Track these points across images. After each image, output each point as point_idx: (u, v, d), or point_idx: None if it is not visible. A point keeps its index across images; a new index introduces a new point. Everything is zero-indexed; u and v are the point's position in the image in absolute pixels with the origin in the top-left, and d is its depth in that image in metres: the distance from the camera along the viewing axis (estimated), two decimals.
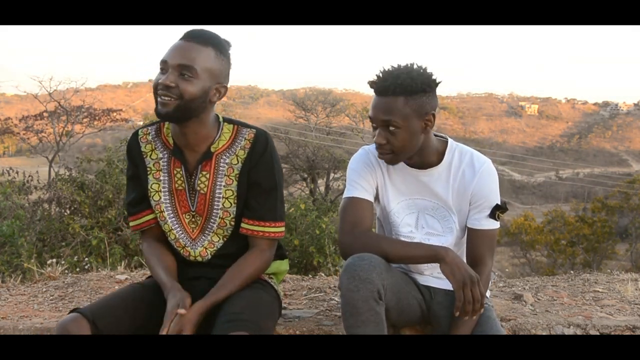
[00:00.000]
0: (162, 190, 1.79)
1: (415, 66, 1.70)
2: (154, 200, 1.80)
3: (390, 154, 1.74)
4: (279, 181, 1.80)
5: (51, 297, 2.58)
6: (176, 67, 1.61)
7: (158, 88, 1.62)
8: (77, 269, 4.20)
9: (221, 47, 1.68)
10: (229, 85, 1.74)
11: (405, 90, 1.66)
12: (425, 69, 1.70)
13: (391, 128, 1.69)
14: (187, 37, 1.64)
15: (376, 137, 1.73)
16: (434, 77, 1.71)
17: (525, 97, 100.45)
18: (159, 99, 1.63)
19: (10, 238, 4.98)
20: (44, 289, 2.71)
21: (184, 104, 1.62)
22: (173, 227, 1.81)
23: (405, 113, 1.67)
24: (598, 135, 79.73)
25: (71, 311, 1.59)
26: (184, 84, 1.61)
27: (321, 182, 17.22)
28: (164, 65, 1.63)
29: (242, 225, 1.78)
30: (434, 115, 1.73)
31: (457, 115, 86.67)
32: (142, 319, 1.68)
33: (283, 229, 1.81)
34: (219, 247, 1.82)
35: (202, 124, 1.71)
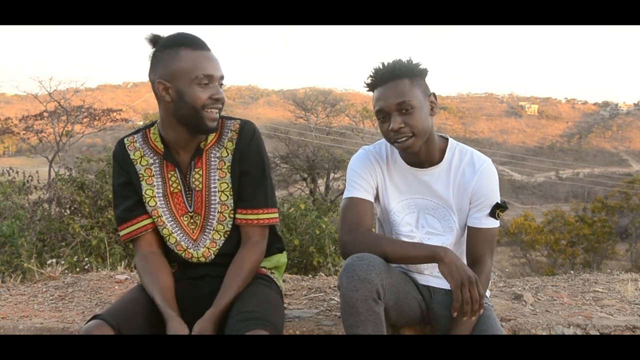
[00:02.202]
0: (157, 195, 1.79)
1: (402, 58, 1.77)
2: (150, 206, 1.79)
3: (411, 137, 1.72)
4: (268, 168, 1.80)
5: (51, 297, 2.58)
6: (218, 79, 1.67)
7: (208, 103, 1.65)
8: (77, 269, 4.20)
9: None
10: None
11: (409, 71, 1.72)
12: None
13: (407, 110, 1.70)
14: (205, 47, 1.66)
15: (392, 123, 1.71)
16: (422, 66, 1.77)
17: (525, 97, 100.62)
18: (208, 114, 1.66)
19: (10, 238, 4.98)
20: (44, 289, 2.71)
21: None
22: (173, 231, 1.80)
23: (415, 93, 1.71)
24: (598, 135, 79.76)
25: (92, 318, 1.56)
26: (224, 95, 1.70)
27: (321, 182, 17.22)
28: (209, 80, 1.64)
29: (237, 216, 1.78)
30: (435, 97, 1.78)
31: (457, 115, 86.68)
32: (160, 324, 1.64)
33: (276, 214, 1.81)
34: (221, 245, 1.81)
35: None
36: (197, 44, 1.65)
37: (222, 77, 1.68)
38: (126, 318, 1.58)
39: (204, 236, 1.80)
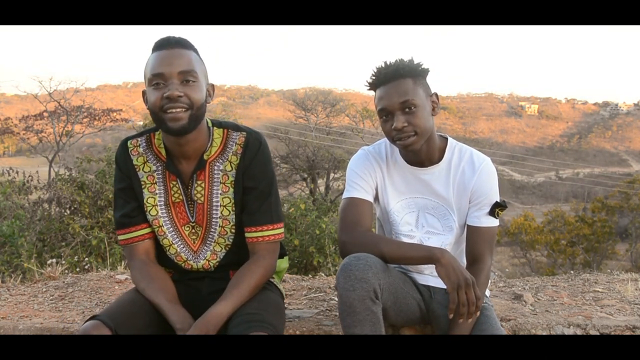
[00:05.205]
0: (159, 204, 1.74)
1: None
2: (151, 215, 1.74)
3: (413, 136, 1.73)
4: (274, 181, 1.75)
5: (51, 297, 2.58)
6: (177, 75, 1.56)
7: (163, 103, 1.55)
8: (77, 269, 4.21)
9: (196, 49, 1.66)
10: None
11: (412, 71, 1.73)
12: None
13: (410, 109, 1.71)
14: (167, 45, 1.59)
15: (395, 122, 1.71)
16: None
17: (525, 97, 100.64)
18: (167, 115, 1.56)
19: (10, 238, 4.98)
20: (44, 289, 2.71)
21: (195, 112, 1.58)
22: (173, 241, 1.76)
23: (418, 92, 1.72)
24: (598, 135, 79.74)
25: (90, 318, 1.54)
26: (190, 90, 1.56)
27: (321, 182, 17.22)
28: (160, 78, 1.56)
29: (245, 235, 1.73)
30: (437, 97, 1.79)
31: (457, 115, 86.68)
32: (159, 327, 1.63)
33: (282, 230, 1.76)
34: (222, 257, 1.77)
35: (200, 131, 1.67)
36: (160, 45, 1.60)
37: (184, 72, 1.56)
38: (124, 319, 1.55)
39: (205, 247, 1.77)
